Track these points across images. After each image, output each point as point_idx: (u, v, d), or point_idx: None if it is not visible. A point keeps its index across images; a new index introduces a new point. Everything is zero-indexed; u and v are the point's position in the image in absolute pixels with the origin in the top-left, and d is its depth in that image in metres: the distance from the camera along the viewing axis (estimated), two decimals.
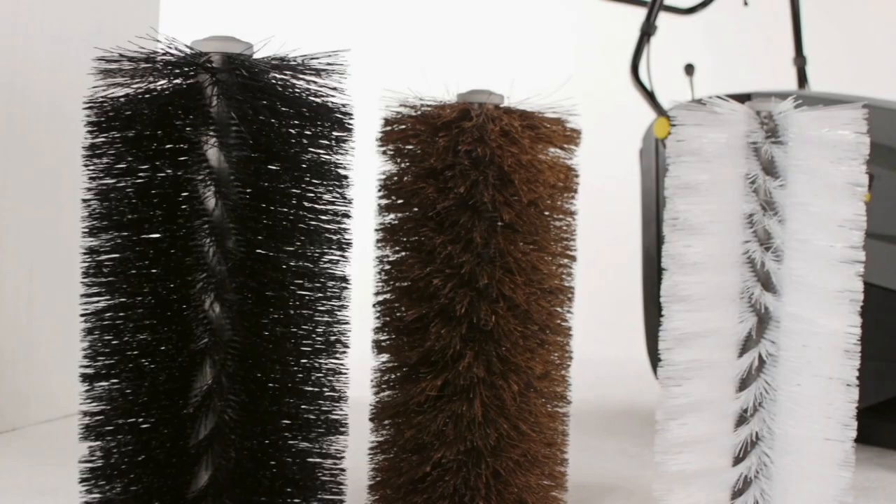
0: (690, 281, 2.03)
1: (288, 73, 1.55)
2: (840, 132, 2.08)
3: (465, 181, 1.92)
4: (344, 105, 1.58)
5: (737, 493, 1.97)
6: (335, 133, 1.58)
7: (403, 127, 1.98)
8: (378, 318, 2.02)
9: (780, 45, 3.70)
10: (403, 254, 1.98)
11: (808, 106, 2.04)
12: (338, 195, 1.60)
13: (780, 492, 2.01)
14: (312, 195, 1.57)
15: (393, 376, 2.00)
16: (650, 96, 3.25)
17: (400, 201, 1.98)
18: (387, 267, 2.01)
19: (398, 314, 1.98)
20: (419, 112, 1.97)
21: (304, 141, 1.56)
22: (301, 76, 1.56)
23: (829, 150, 2.05)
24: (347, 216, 1.61)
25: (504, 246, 1.93)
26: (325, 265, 1.59)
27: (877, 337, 2.70)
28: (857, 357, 2.06)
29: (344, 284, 1.59)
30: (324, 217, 1.58)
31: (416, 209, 1.96)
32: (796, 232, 2.01)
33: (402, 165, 1.99)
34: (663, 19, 3.63)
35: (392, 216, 2.00)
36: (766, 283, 1.96)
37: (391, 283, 2.00)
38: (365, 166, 1.93)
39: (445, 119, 1.93)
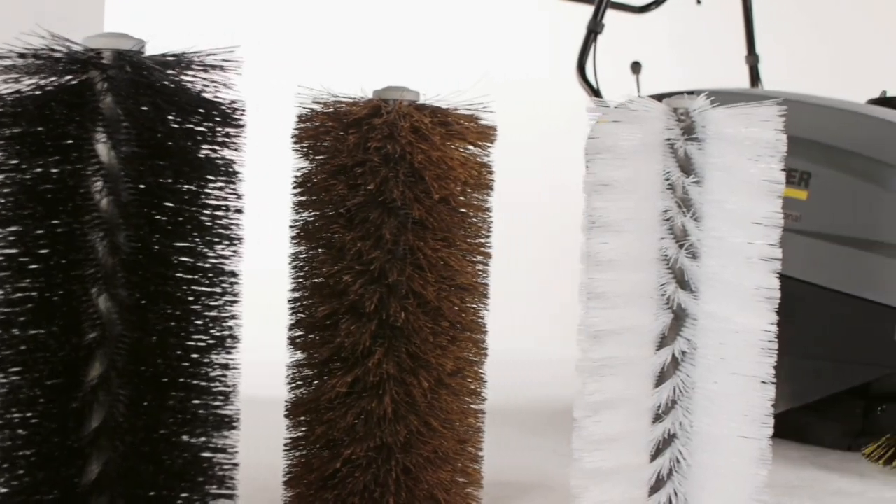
0: (606, 278, 2.06)
1: (177, 69, 1.57)
2: (756, 129, 2.10)
3: (376, 178, 1.94)
4: (234, 101, 1.60)
5: (653, 490, 1.98)
6: (225, 129, 1.60)
7: (316, 124, 1.99)
8: (292, 314, 2.04)
9: (736, 44, 3.70)
10: (315, 251, 2.00)
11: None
12: (229, 191, 1.61)
13: (696, 489, 2.03)
14: (202, 190, 1.59)
15: (305, 373, 2.03)
16: (596, 94, 3.26)
17: (312, 198, 2.01)
18: (300, 264, 2.03)
19: (310, 311, 2.00)
20: (331, 109, 1.98)
21: (194, 137, 1.58)
22: (190, 72, 1.58)
23: (745, 148, 2.07)
24: (240, 211, 1.62)
25: (414, 243, 1.95)
26: (216, 260, 1.60)
27: (816, 336, 2.72)
28: (773, 355, 2.08)
29: (234, 280, 1.61)
30: (215, 212, 1.60)
31: (327, 206, 1.98)
32: (712, 230, 2.04)
33: (315, 162, 2.01)
34: (617, 18, 3.66)
35: (305, 213, 2.02)
36: (682, 281, 1.98)
37: (304, 280, 2.02)
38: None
39: (356, 116, 1.96)
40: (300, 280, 2.03)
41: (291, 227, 2.05)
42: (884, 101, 2.98)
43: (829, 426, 2.84)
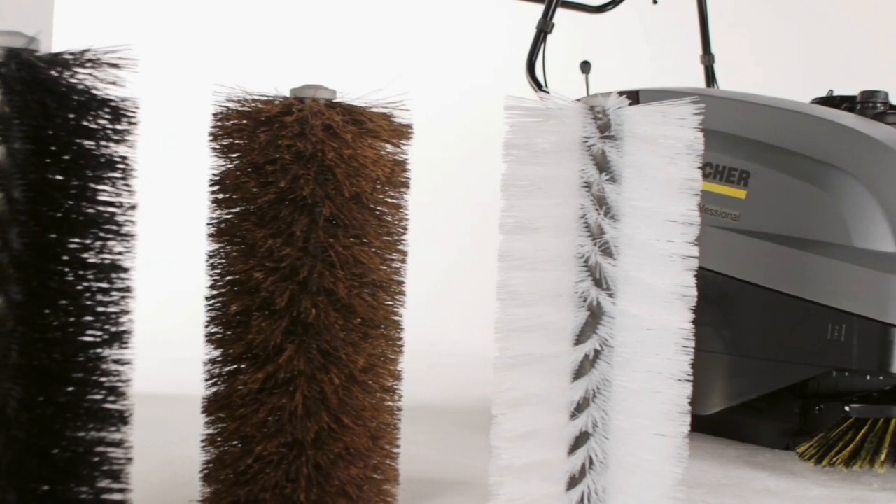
0: (522, 276, 2.08)
1: (70, 67, 1.59)
2: (672, 128, 2.12)
3: (287, 176, 1.97)
4: (126, 98, 1.62)
5: (570, 486, 2.00)
6: (119, 126, 1.62)
7: (230, 122, 2.02)
8: (208, 311, 2.06)
9: (692, 44, 3.72)
10: (229, 248, 2.02)
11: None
12: (123, 187, 1.63)
13: (613, 485, 2.05)
14: (95, 187, 1.61)
15: (220, 370, 2.05)
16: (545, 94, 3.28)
17: (227, 196, 2.04)
18: (215, 261, 2.06)
19: (224, 308, 2.02)
20: (245, 107, 2.00)
21: (86, 134, 1.60)
22: (84, 70, 1.60)
23: (660, 146, 2.10)
24: (133, 208, 1.64)
25: (325, 240, 1.98)
26: (109, 256, 1.63)
27: (753, 334, 2.74)
28: (690, 353, 2.10)
29: (127, 275, 1.63)
30: (108, 209, 1.62)
31: (240, 204, 2.01)
32: (628, 228, 2.07)
33: (229, 160, 2.03)
34: (575, 18, 3.68)
35: (220, 211, 2.05)
36: (598, 280, 2.00)
37: (219, 277, 2.05)
38: None
39: (268, 114, 1.98)
40: (215, 277, 2.06)
41: (208, 224, 2.08)
42: (828, 100, 3.00)
43: (767, 425, 2.86)
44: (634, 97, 3.14)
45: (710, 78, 3.73)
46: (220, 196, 2.06)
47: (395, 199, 2.09)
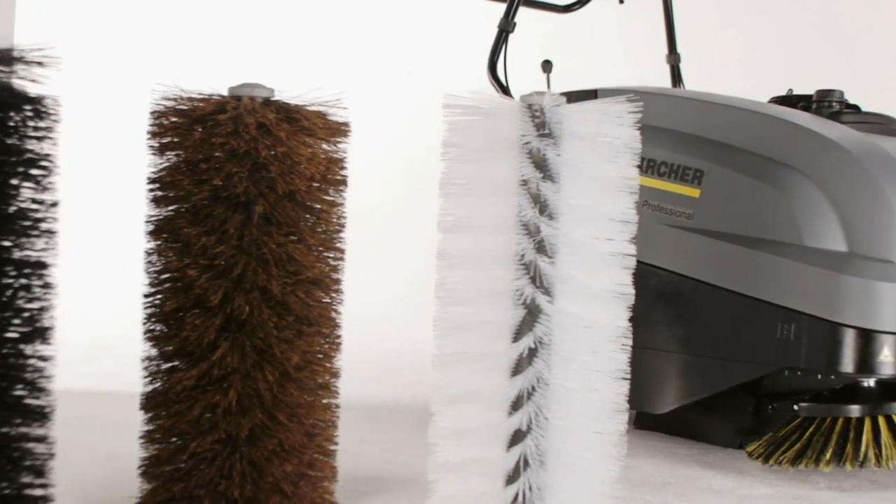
0: (460, 275, 2.10)
1: None
2: (610, 126, 2.13)
3: (220, 174, 1.99)
4: (47, 96, 1.64)
5: (507, 483, 2.01)
6: (39, 123, 1.64)
7: (167, 121, 2.04)
8: (146, 309, 2.09)
9: (658, 43, 3.74)
10: (164, 245, 2.05)
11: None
12: (45, 184, 1.65)
13: (550, 482, 2.06)
14: (15, 184, 1.63)
15: (157, 367, 2.07)
16: (506, 94, 3.30)
17: (163, 194, 2.06)
18: (152, 259, 2.08)
19: (160, 305, 2.05)
20: (181, 105, 2.02)
21: (5, 131, 1.62)
22: (4, 68, 1.62)
23: (598, 145, 2.12)
24: (55, 205, 1.66)
25: (258, 237, 2.00)
26: (30, 253, 1.65)
27: (705, 333, 2.76)
28: (627, 351, 2.12)
29: (47, 272, 1.65)
30: (29, 205, 1.64)
31: (175, 202, 2.03)
32: (566, 227, 2.08)
33: (166, 158, 2.05)
34: (542, 17, 3.70)
35: (157, 209, 2.07)
36: (536, 279, 2.02)
37: (156, 274, 2.07)
38: None
39: (201, 112, 2.00)
40: (152, 275, 2.08)
41: (146, 222, 2.10)
42: (786, 99, 3.01)
43: (721, 424, 2.88)
44: (593, 96, 3.16)
45: (676, 77, 3.74)
46: (157, 194, 2.08)
47: (331, 197, 2.11)
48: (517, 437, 2.03)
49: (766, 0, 5.83)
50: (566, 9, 3.71)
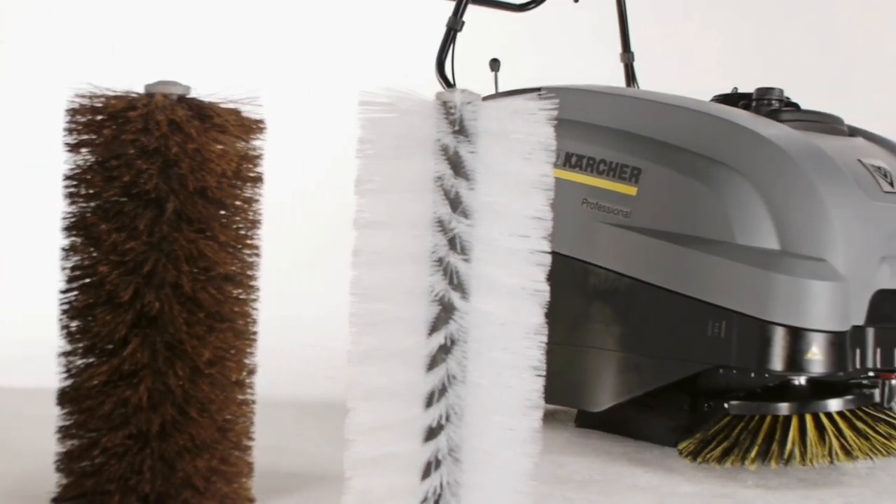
0: (376, 272, 2.12)
1: None
2: (524, 124, 2.15)
3: (130, 170, 2.02)
4: None
5: (422, 478, 2.04)
6: None
7: (81, 118, 2.07)
8: (61, 305, 2.12)
9: (613, 42, 3.76)
10: (77, 242, 2.08)
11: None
12: None
13: (465, 478, 2.09)
14: None
15: (70, 362, 2.10)
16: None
17: (76, 191, 2.09)
18: (67, 255, 2.10)
19: (74, 301, 2.07)
20: (94, 103, 2.05)
21: None
22: None
23: (513, 143, 2.13)
24: None
25: (168, 234, 2.02)
26: None
27: (640, 331, 2.78)
28: (541, 348, 2.14)
29: None
30: None
31: (87, 198, 2.06)
32: (480, 225, 2.10)
33: (80, 155, 2.09)
34: (496, 17, 3.72)
35: (71, 206, 2.10)
36: (450, 276, 2.05)
37: (70, 271, 2.10)
38: None
39: (112, 109, 2.03)
40: (67, 272, 2.12)
41: (62, 219, 2.13)
42: (728, 97, 3.03)
43: (658, 422, 2.90)
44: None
45: (630, 76, 3.76)
46: (71, 191, 2.11)
47: (244, 194, 2.14)
48: (432, 433, 2.06)
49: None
50: (521, 8, 3.73)
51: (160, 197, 2.04)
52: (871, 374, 2.91)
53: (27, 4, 5.74)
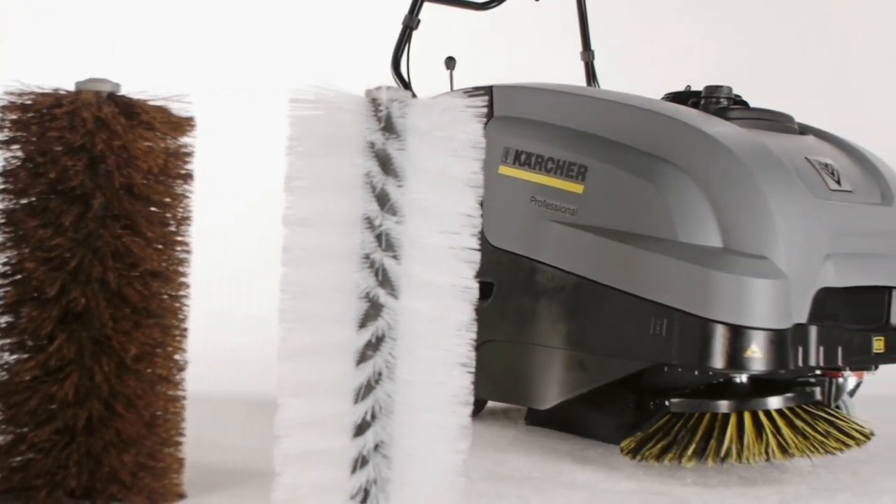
0: (305, 270, 2.14)
1: None
2: (454, 123, 2.17)
3: (56, 167, 2.04)
4: None
5: (352, 472, 2.06)
6: None
7: (12, 115, 2.09)
8: None
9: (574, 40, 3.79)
10: (6, 238, 2.11)
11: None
12: None
13: (395, 473, 2.11)
14: None
15: (1, 359, 2.12)
16: (409, 90, 3.34)
17: (4, 187, 2.11)
18: None
19: (3, 298, 2.10)
20: (23, 100, 2.08)
21: None
22: None
23: (443, 141, 2.16)
24: None
25: (95, 230, 2.05)
26: None
27: (586, 329, 2.79)
28: (471, 345, 2.16)
29: None
30: None
31: (15, 195, 2.09)
32: (409, 223, 2.13)
33: (10, 152, 2.11)
34: (458, 15, 3.74)
35: (1, 203, 2.12)
36: (378, 274, 2.07)
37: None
38: None
39: (39, 107, 2.06)
40: None
41: None
42: (678, 95, 3.05)
43: (605, 420, 2.92)
44: (488, 93, 3.20)
45: (591, 74, 3.79)
46: (2, 188, 2.14)
47: (172, 191, 2.17)
48: (360, 429, 2.09)
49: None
50: (482, 6, 3.75)
51: (86, 193, 2.08)
52: (817, 372, 2.94)
53: (27, 4, 5.77)
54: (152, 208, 2.14)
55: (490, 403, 3.39)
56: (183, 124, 2.18)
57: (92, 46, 5.43)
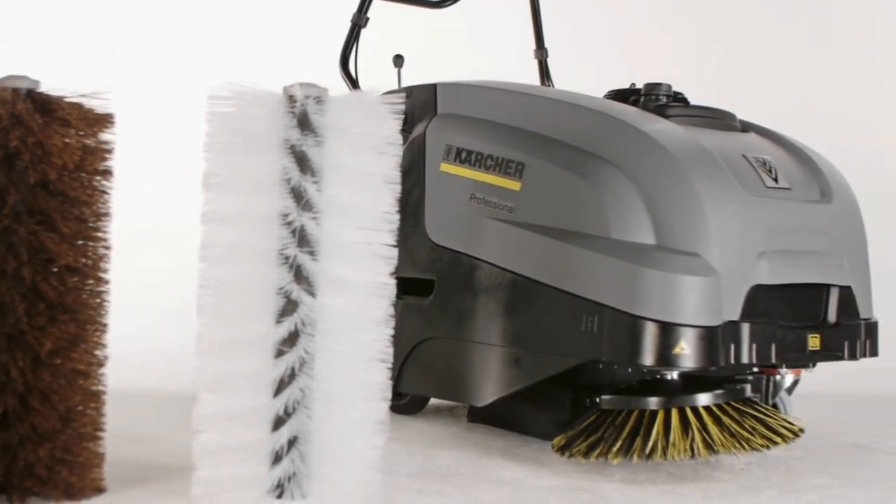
0: (223, 266, 2.17)
1: None
2: (370, 121, 2.21)
3: None
4: None
5: (274, 462, 2.09)
6: None
7: None
8: None
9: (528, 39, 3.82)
10: None
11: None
12: None
13: (312, 466, 2.14)
14: None
15: None
16: (356, 89, 3.38)
17: None
18: None
19: None
20: None
21: None
22: None
23: (359, 139, 2.19)
24: None
25: (9, 226, 2.09)
26: None
27: (521, 326, 2.82)
28: (388, 342, 2.19)
29: None
30: None
31: None
32: (327, 221, 2.18)
33: None
34: (416, 13, 3.77)
35: None
36: (296, 271, 2.10)
37: None
38: None
39: None
40: None
41: None
42: (620, 93, 3.07)
43: (541, 417, 2.95)
44: (432, 91, 3.23)
45: (544, 72, 3.81)
46: None
47: (89, 187, 2.20)
48: (277, 424, 2.12)
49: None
50: (437, 5, 3.78)
51: (1, 190, 2.11)
52: (755, 369, 2.97)
53: (27, 4, 5.82)
54: (68, 205, 2.17)
55: (437, 401, 3.43)
56: (101, 121, 2.21)
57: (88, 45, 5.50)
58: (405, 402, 3.41)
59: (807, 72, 5.59)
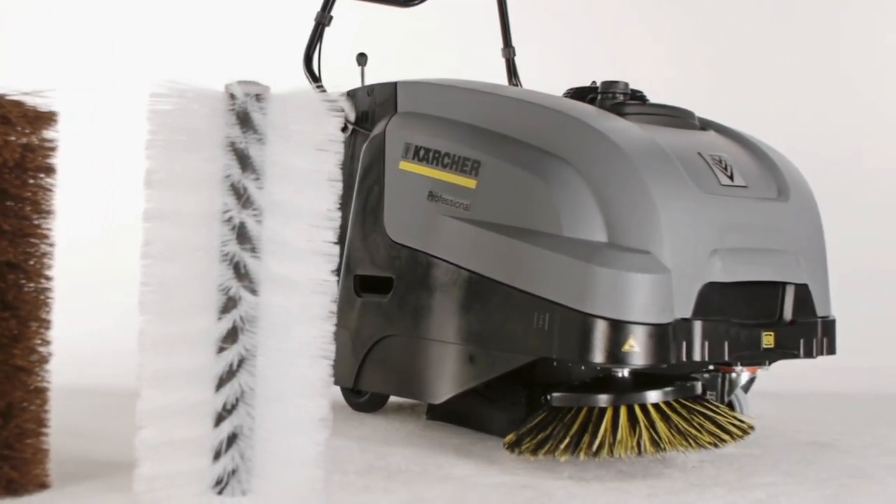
0: (164, 263, 2.19)
1: None
2: (311, 120, 2.23)
3: None
4: None
5: (215, 458, 2.11)
6: None
7: None
8: None
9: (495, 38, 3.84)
10: None
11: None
12: None
13: (255, 462, 2.17)
14: None
15: None
16: (320, 87, 3.39)
17: None
18: None
19: None
20: None
21: None
22: None
23: (299, 137, 2.22)
24: None
25: None
26: None
27: (476, 324, 2.83)
28: (329, 339, 2.21)
29: None
30: None
31: None
32: (267, 219, 2.19)
33: None
34: (387, 12, 3.79)
35: None
36: (237, 269, 2.12)
37: None
38: None
39: None
40: None
41: None
42: (578, 91, 3.08)
43: (497, 414, 2.97)
44: (392, 89, 3.25)
45: (512, 71, 3.83)
46: None
47: (30, 184, 2.22)
48: (218, 420, 2.14)
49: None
50: (406, 3, 3.80)
51: None
52: (710, 367, 2.98)
53: (27, 4, 5.85)
54: (8, 202, 2.20)
55: (398, 399, 3.45)
56: (44, 119, 2.24)
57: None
58: (364, 399, 3.43)
59: (783, 74, 5.61)
